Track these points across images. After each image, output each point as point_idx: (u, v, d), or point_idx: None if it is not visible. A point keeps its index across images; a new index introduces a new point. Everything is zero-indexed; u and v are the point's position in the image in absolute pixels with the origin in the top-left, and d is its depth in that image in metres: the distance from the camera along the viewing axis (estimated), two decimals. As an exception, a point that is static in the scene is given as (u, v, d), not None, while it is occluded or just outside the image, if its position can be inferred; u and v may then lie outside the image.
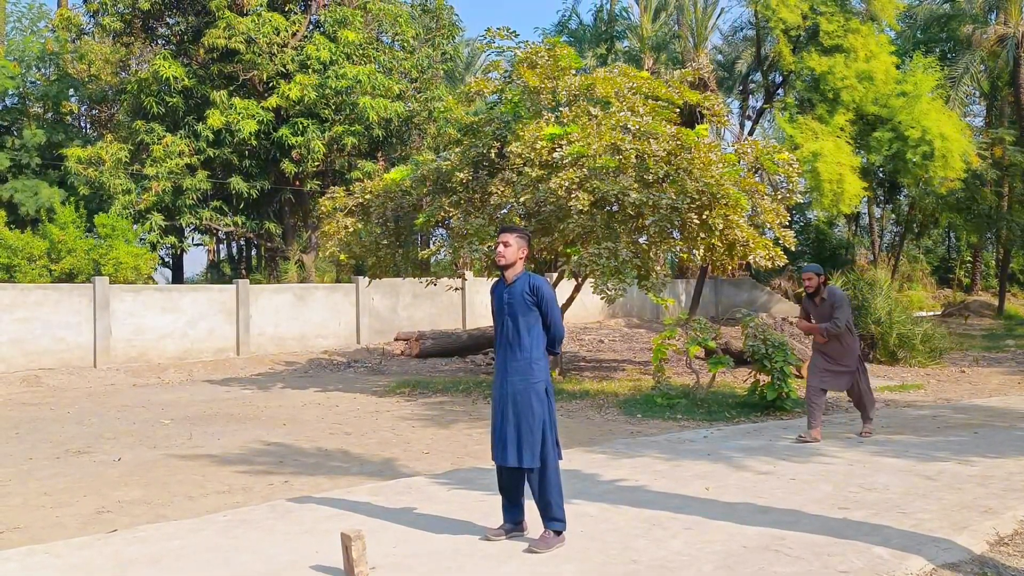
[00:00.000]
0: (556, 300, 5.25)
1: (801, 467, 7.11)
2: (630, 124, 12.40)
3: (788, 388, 10.60)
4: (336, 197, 15.21)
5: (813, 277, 8.58)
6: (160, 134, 22.23)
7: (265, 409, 11.76)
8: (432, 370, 16.81)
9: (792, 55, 24.40)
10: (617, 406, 11.37)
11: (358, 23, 23.85)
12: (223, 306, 19.02)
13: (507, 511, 5.16)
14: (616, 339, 21.83)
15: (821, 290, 8.58)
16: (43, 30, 26.68)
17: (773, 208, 13.47)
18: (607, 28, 35.05)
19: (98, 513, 6.27)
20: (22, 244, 19.09)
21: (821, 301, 8.54)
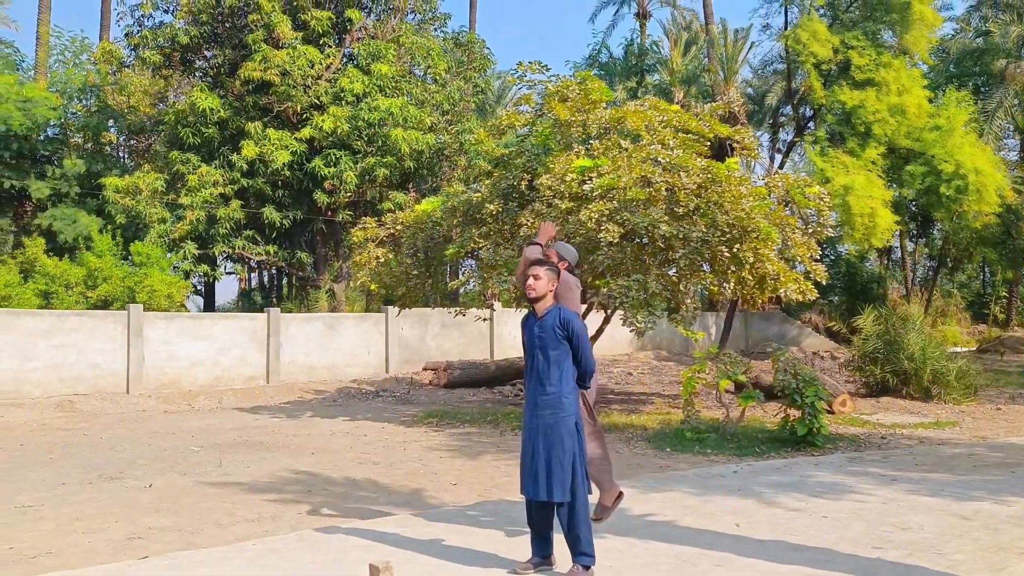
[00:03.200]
0: (587, 334, 5.25)
1: (833, 505, 7.01)
2: (660, 157, 12.43)
3: (819, 423, 10.47)
4: (367, 228, 15.35)
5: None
6: (195, 164, 22.61)
7: (294, 438, 11.81)
8: (460, 400, 16.81)
9: (823, 89, 24.36)
10: (646, 440, 11.29)
11: (391, 56, 24.19)
12: (254, 334, 19.19)
13: (536, 545, 5.14)
14: (645, 372, 21.71)
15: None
16: (85, 63, 27.31)
17: (804, 242, 13.40)
18: (637, 62, 35.29)
19: (129, 539, 6.32)
20: (60, 271, 19.43)
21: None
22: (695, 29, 36.05)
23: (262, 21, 22.89)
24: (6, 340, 16.38)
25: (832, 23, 25.19)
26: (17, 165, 23.32)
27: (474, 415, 14.04)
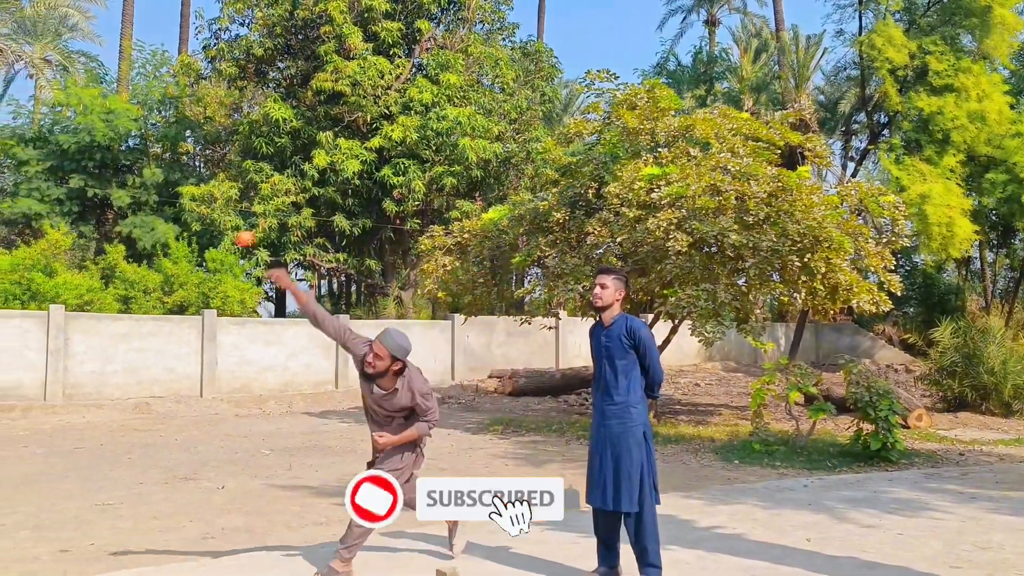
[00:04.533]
0: (655, 343, 5.21)
1: (909, 522, 6.81)
2: (730, 165, 12.29)
3: (894, 438, 10.20)
4: (435, 236, 15.50)
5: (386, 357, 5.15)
6: (268, 173, 23.10)
7: (362, 442, 11.95)
8: (525, 409, 16.82)
9: (899, 95, 23.80)
10: (713, 451, 11.14)
11: (459, 66, 24.39)
12: (323, 340, 19.49)
13: (602, 555, 5.11)
14: (712, 383, 21.44)
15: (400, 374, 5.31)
16: (165, 75, 28.14)
17: (878, 252, 13.10)
18: (706, 69, 34.93)
19: (203, 538, 6.47)
20: (138, 277, 20.03)
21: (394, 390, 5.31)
22: (765, 36, 35.53)
23: (334, 33, 23.30)
24: (89, 344, 16.96)
25: (908, 28, 24.61)
26: (100, 175, 24.13)
27: (539, 423, 14.03)
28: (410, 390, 5.31)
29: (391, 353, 5.16)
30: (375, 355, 5.16)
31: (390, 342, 5.17)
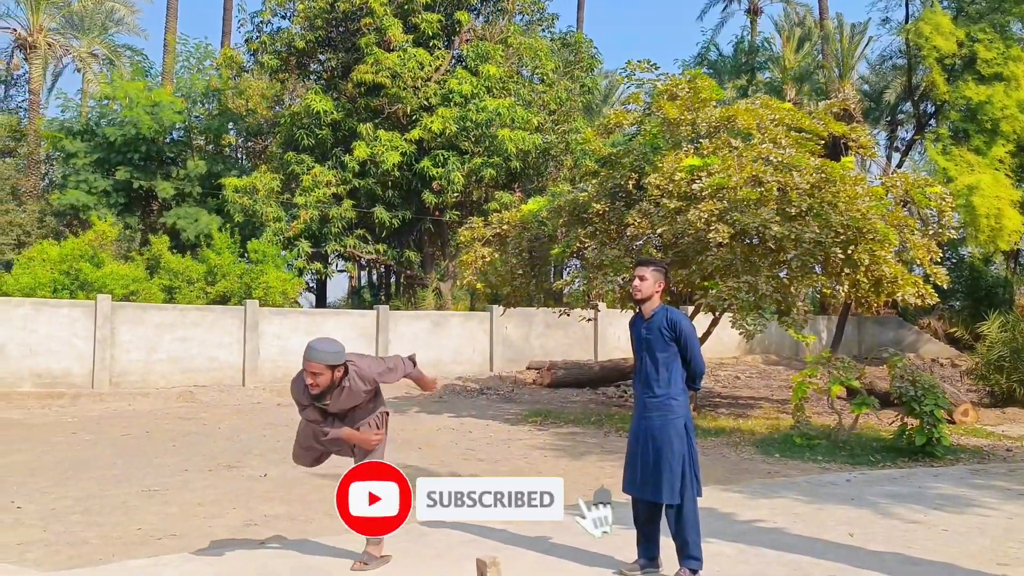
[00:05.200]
0: (696, 334, 5.18)
1: (955, 518, 6.71)
2: (772, 156, 12.15)
3: (939, 433, 10.03)
4: (474, 227, 15.52)
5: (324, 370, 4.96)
6: (309, 165, 23.30)
7: (401, 432, 12.04)
8: (563, 400, 16.81)
9: (946, 84, 23.36)
10: (754, 445, 11.05)
11: (499, 57, 24.38)
12: (364, 330, 19.67)
13: (642, 546, 5.10)
14: (753, 376, 21.25)
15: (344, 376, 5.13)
16: (208, 68, 28.49)
17: (924, 244, 12.88)
18: (747, 59, 34.53)
19: (246, 525, 6.57)
20: (182, 268, 20.35)
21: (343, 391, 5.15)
22: (809, 25, 35.00)
23: (374, 25, 23.41)
24: (135, 333, 17.28)
25: (956, 16, 24.13)
26: (145, 167, 24.52)
27: (578, 415, 14.02)
28: (361, 379, 5.11)
29: (327, 364, 4.92)
30: (312, 375, 4.91)
31: (319, 355, 4.91)
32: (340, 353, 4.98)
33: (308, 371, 4.90)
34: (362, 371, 5.10)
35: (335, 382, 5.00)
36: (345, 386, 5.04)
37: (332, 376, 4.95)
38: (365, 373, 5.11)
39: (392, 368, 5.30)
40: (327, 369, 4.91)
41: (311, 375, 4.89)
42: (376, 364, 5.21)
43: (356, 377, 5.07)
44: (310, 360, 4.87)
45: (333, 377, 4.96)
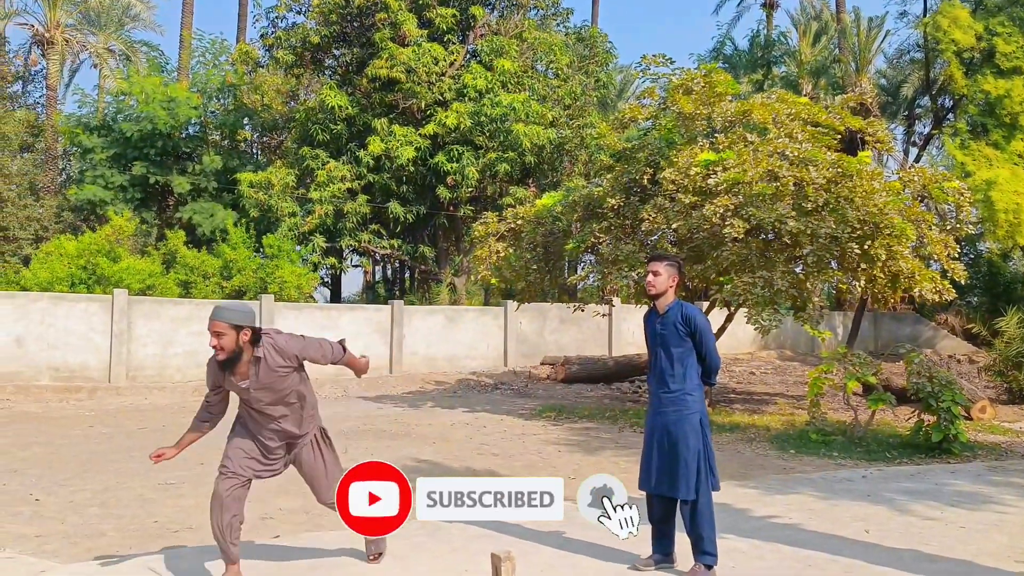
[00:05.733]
0: (711, 329, 5.15)
1: (972, 515, 6.66)
2: (788, 151, 12.08)
3: (956, 430, 9.95)
4: (488, 222, 15.51)
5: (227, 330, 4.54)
6: (324, 160, 23.37)
7: (416, 427, 12.07)
8: (577, 396, 16.81)
9: (964, 78, 23.17)
10: (769, 441, 11.01)
11: (514, 52, 24.36)
12: (378, 325, 19.72)
13: (657, 541, 5.09)
14: (768, 371, 21.18)
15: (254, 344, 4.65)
16: (224, 64, 28.60)
17: (941, 239, 12.78)
18: (763, 53, 34.35)
19: (262, 519, 6.60)
20: (198, 262, 20.46)
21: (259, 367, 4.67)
22: (825, 18, 34.78)
23: (389, 20, 23.43)
24: (152, 327, 17.40)
25: (975, 9, 23.91)
26: (161, 162, 24.65)
27: (592, 411, 14.01)
28: (280, 353, 4.63)
29: (230, 323, 4.48)
30: (215, 335, 4.48)
31: (221, 313, 4.51)
32: (248, 315, 4.57)
33: (211, 332, 4.49)
34: (278, 343, 4.65)
35: (241, 347, 4.52)
36: (260, 358, 4.57)
37: (238, 339, 4.49)
38: (282, 345, 4.65)
39: (317, 348, 4.82)
40: (231, 329, 4.47)
41: (214, 336, 4.47)
42: (297, 340, 4.76)
43: (272, 349, 4.60)
44: (212, 319, 4.48)
45: (239, 341, 4.50)
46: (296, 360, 4.70)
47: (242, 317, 4.52)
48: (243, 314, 4.54)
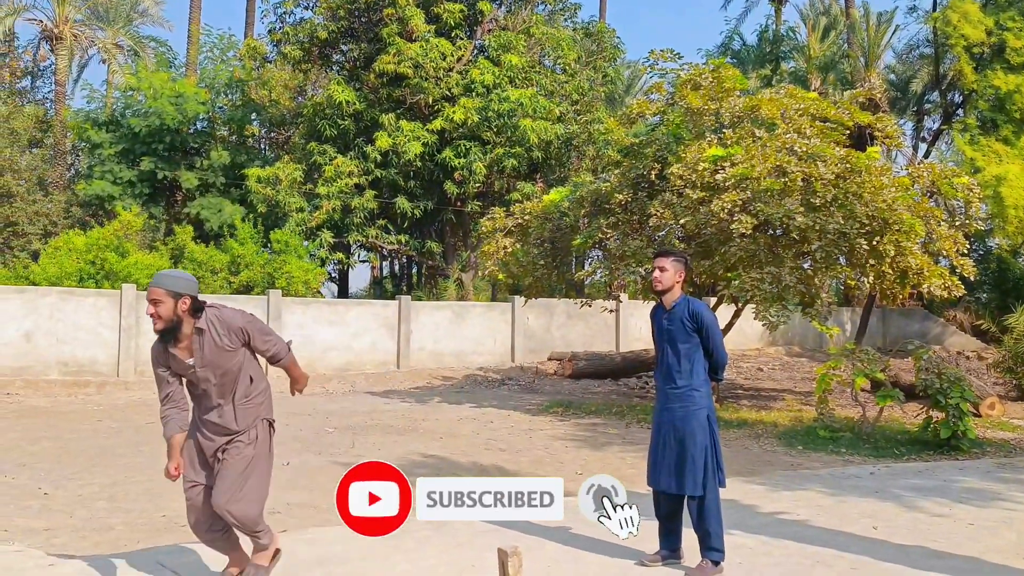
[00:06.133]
0: (718, 325, 5.14)
1: (980, 512, 6.64)
2: (796, 146, 12.04)
3: (965, 426, 9.92)
4: (496, 218, 15.50)
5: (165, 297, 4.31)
6: (332, 155, 23.37)
7: (423, 422, 12.09)
8: (585, 391, 16.80)
9: (974, 73, 23.05)
10: (776, 437, 10.99)
11: (521, 47, 24.31)
12: (385, 321, 19.73)
13: (664, 538, 5.09)
14: (775, 367, 21.13)
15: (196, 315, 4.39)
16: (232, 59, 28.64)
17: (950, 235, 12.73)
18: (772, 49, 34.21)
19: (269, 513, 6.57)
20: (206, 257, 20.50)
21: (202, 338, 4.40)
22: (834, 13, 34.60)
23: (396, 15, 23.40)
24: (158, 322, 17.42)
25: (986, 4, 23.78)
26: (169, 157, 24.70)
27: (599, 406, 14.01)
28: (226, 328, 4.34)
29: (168, 289, 4.25)
30: (153, 303, 4.25)
31: (160, 279, 4.28)
32: (188, 283, 4.32)
33: (149, 300, 4.26)
34: (223, 315, 4.36)
35: (180, 317, 4.25)
36: (204, 330, 4.30)
37: (176, 308, 4.23)
38: (227, 318, 4.36)
39: (263, 331, 4.52)
40: (168, 297, 4.23)
41: (151, 303, 4.24)
42: (244, 315, 4.46)
43: (216, 321, 4.32)
44: (151, 287, 4.26)
45: (177, 310, 4.24)
46: (243, 336, 4.39)
47: (182, 284, 4.28)
48: (183, 281, 4.30)
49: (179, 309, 4.24)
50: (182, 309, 4.25)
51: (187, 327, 4.30)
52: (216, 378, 4.37)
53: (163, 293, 4.22)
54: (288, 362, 4.66)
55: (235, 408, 4.44)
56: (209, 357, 4.32)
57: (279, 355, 4.60)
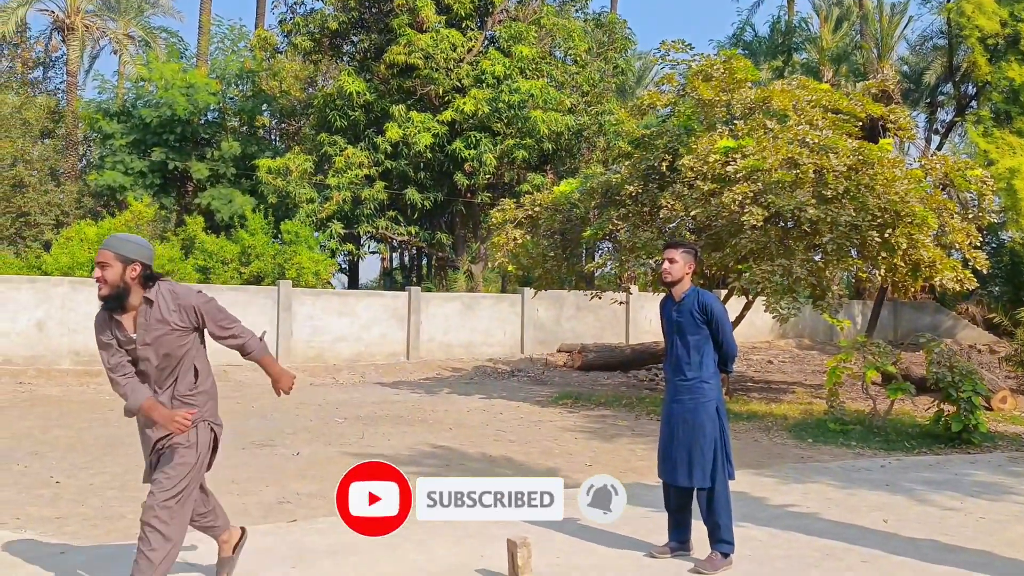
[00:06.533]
0: (728, 317, 5.12)
1: (992, 506, 6.61)
2: (808, 138, 11.97)
3: (976, 420, 9.87)
4: (506, 209, 15.48)
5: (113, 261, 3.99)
6: (342, 146, 23.37)
7: (432, 413, 12.10)
8: (594, 383, 16.79)
9: (988, 65, 22.86)
10: (786, 429, 10.96)
11: (532, 38, 24.24)
12: (395, 312, 19.76)
13: (673, 529, 5.08)
14: (786, 360, 21.07)
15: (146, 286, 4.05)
16: (242, 50, 28.66)
17: (963, 228, 12.65)
18: (784, 40, 34.03)
19: (279, 503, 6.63)
20: (217, 248, 20.55)
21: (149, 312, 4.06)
22: (847, 4, 34.35)
23: (407, 6, 23.34)
24: (169, 312, 17.48)
25: (1001, -6, 23.53)
26: (180, 148, 24.75)
27: (609, 398, 14.00)
28: (178, 305, 3.98)
29: (116, 252, 3.91)
30: (99, 266, 3.92)
31: (110, 242, 3.95)
32: (140, 248, 3.96)
33: (96, 263, 3.94)
34: (177, 289, 4.00)
35: (128, 285, 3.91)
36: (152, 301, 3.94)
37: (124, 273, 3.89)
38: (181, 294, 4.00)
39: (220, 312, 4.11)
40: (117, 261, 3.88)
41: (98, 267, 3.91)
42: (201, 295, 4.08)
43: (168, 295, 3.97)
44: (100, 249, 3.94)
45: (125, 276, 3.89)
46: (194, 315, 3.98)
47: (132, 249, 3.92)
48: (135, 246, 3.95)
49: (127, 275, 3.90)
50: (131, 276, 3.90)
51: (135, 297, 3.94)
52: (157, 359, 4.00)
53: (111, 256, 3.88)
54: (260, 355, 4.22)
55: (174, 403, 4.06)
56: (154, 334, 3.96)
57: (247, 347, 4.18)
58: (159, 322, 3.94)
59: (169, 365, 4.03)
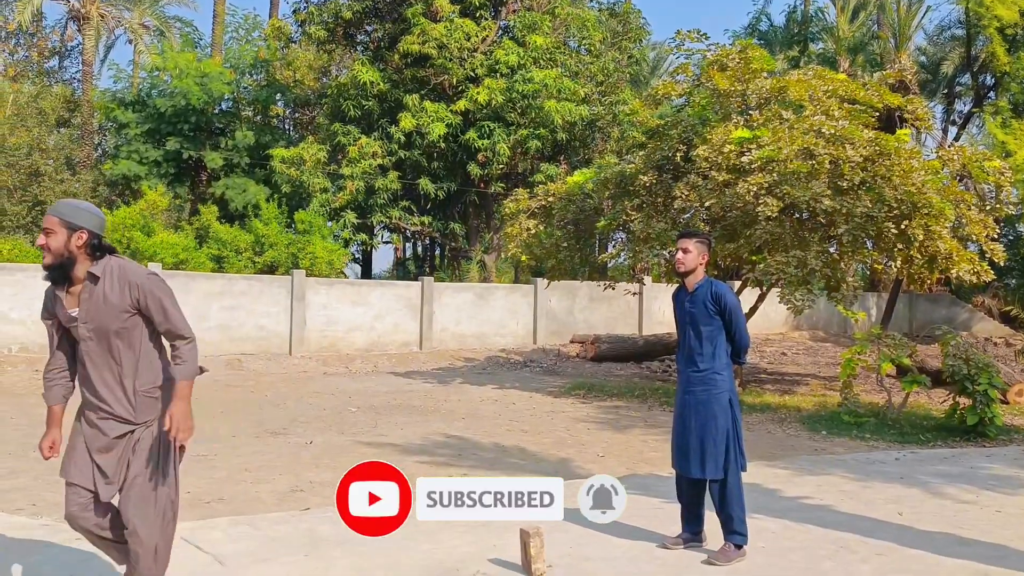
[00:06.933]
0: (741, 308, 5.09)
1: (1008, 499, 6.56)
2: (824, 128, 11.87)
3: (992, 413, 9.80)
4: (519, 199, 15.46)
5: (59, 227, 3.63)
6: (356, 136, 23.38)
7: (445, 403, 12.12)
8: (607, 374, 16.78)
9: (1007, 55, 22.66)
10: (800, 421, 10.92)
11: (546, 28, 24.16)
12: (408, 302, 19.78)
13: (686, 520, 5.06)
14: (800, 352, 21.00)
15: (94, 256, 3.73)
16: (256, 39, 28.67)
17: (980, 219, 12.54)
18: (800, 29, 33.80)
19: (292, 491, 6.66)
20: (231, 237, 20.62)
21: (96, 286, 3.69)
22: (864, -7, 34.15)
23: (421, -5, 23.33)
24: (184, 301, 17.35)
25: (1020, -17, 23.27)
26: (195, 137, 24.82)
27: (622, 389, 13.98)
28: (124, 281, 3.59)
29: (63, 219, 3.56)
30: (44, 233, 3.57)
31: (56, 208, 3.62)
32: (89, 215, 3.62)
33: (42, 230, 3.60)
34: (126, 267, 3.64)
35: (73, 254, 3.57)
36: (99, 277, 3.58)
37: (69, 241, 3.54)
38: (129, 270, 3.63)
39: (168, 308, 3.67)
40: (62, 228, 3.53)
41: (43, 233, 3.58)
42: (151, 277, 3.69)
43: (115, 270, 3.60)
44: (47, 214, 3.61)
45: (70, 244, 3.55)
46: (137, 293, 3.58)
47: (81, 216, 3.58)
48: (83, 212, 3.60)
49: (72, 244, 3.55)
50: (76, 244, 3.55)
51: (80, 269, 3.59)
52: (98, 340, 3.62)
53: (57, 223, 3.53)
54: (184, 376, 3.70)
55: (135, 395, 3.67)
56: (96, 311, 3.59)
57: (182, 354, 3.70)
58: (102, 300, 3.58)
59: (111, 347, 3.63)
